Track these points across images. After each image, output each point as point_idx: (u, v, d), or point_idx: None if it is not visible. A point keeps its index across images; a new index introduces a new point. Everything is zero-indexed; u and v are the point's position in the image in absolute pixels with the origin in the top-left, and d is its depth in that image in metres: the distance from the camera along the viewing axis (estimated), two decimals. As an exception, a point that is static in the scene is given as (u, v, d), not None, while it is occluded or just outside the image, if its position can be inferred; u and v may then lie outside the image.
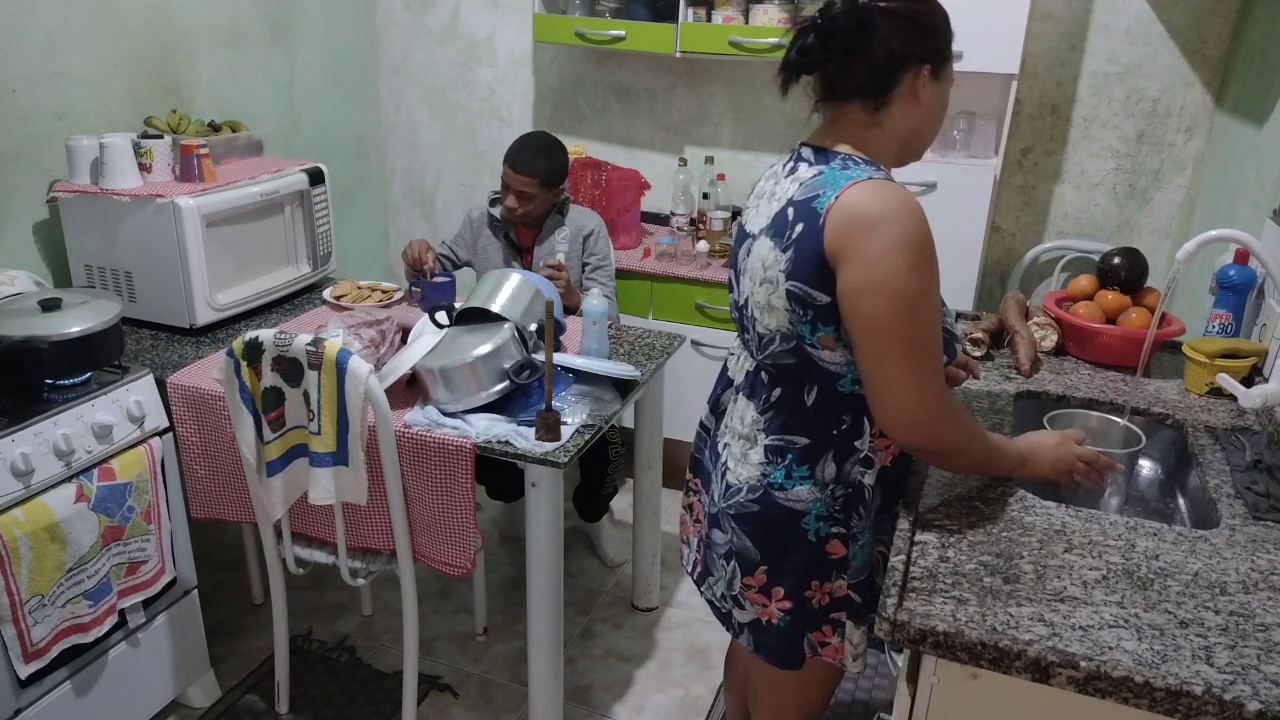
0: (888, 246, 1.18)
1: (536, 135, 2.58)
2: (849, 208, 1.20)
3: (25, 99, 2.32)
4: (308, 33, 3.23)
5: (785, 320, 1.29)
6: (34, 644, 1.75)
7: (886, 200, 1.19)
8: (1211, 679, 0.98)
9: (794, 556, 1.36)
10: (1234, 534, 1.28)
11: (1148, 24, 2.77)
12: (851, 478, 1.34)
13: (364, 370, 1.79)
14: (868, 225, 1.19)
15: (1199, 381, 1.75)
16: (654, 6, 3.06)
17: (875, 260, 1.18)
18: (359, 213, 3.67)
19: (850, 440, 1.33)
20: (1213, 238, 1.51)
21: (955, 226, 2.67)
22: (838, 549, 1.36)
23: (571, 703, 2.29)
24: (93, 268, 2.37)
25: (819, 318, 1.26)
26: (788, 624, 1.40)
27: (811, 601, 1.39)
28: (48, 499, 1.75)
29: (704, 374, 2.98)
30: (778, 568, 1.38)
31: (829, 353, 1.28)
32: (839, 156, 1.28)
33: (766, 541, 1.37)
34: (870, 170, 1.25)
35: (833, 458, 1.33)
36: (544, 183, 2.52)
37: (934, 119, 1.34)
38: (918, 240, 1.19)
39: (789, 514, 1.35)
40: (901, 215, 1.19)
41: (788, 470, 1.35)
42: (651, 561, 2.60)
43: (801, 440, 1.34)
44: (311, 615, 2.59)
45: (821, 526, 1.35)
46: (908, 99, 1.29)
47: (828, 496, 1.34)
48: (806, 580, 1.37)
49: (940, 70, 1.30)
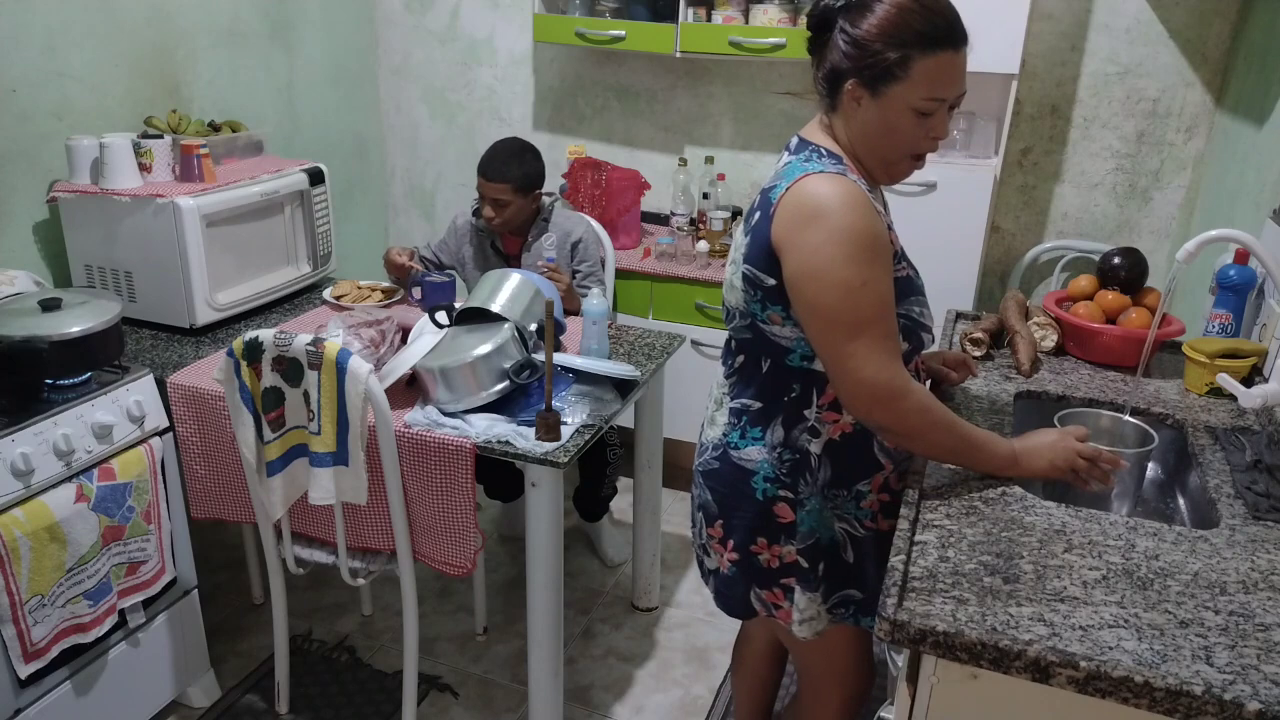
0: (825, 238, 1.25)
1: (508, 141, 2.55)
2: (794, 199, 1.27)
3: (25, 99, 2.32)
4: (308, 33, 3.23)
5: (741, 299, 1.38)
6: (34, 644, 1.75)
7: (828, 193, 1.25)
8: (1211, 679, 0.98)
9: (743, 512, 1.45)
10: (1234, 534, 1.28)
11: (1148, 24, 2.77)
12: (799, 444, 1.40)
13: (364, 370, 1.79)
14: (808, 217, 1.26)
15: (1199, 381, 1.75)
16: (654, 6, 3.06)
17: (813, 251, 1.26)
18: (359, 213, 3.67)
19: (800, 409, 1.40)
20: (1213, 238, 1.51)
21: (955, 226, 2.67)
22: (785, 512, 1.43)
23: (571, 703, 2.29)
24: (93, 268, 2.37)
25: (767, 298, 1.35)
26: (734, 574, 1.49)
27: (758, 558, 1.46)
28: (48, 499, 1.75)
29: (704, 374, 2.98)
30: (730, 521, 1.47)
31: (778, 328, 1.37)
32: (810, 148, 1.35)
33: (723, 496, 1.47)
34: (829, 164, 1.30)
35: (781, 423, 1.41)
36: (517, 188, 2.48)
37: (877, 136, 1.31)
38: (854, 230, 1.24)
39: (741, 471, 1.44)
40: (838, 207, 1.24)
41: (742, 430, 1.44)
42: (651, 561, 2.60)
43: (756, 404, 1.43)
44: (311, 615, 2.59)
45: (769, 487, 1.42)
46: (848, 109, 1.32)
47: (775, 459, 1.41)
48: (752, 536, 1.45)
49: (877, 88, 1.27)
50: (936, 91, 1.27)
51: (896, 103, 1.27)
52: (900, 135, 1.31)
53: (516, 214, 2.54)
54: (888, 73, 1.26)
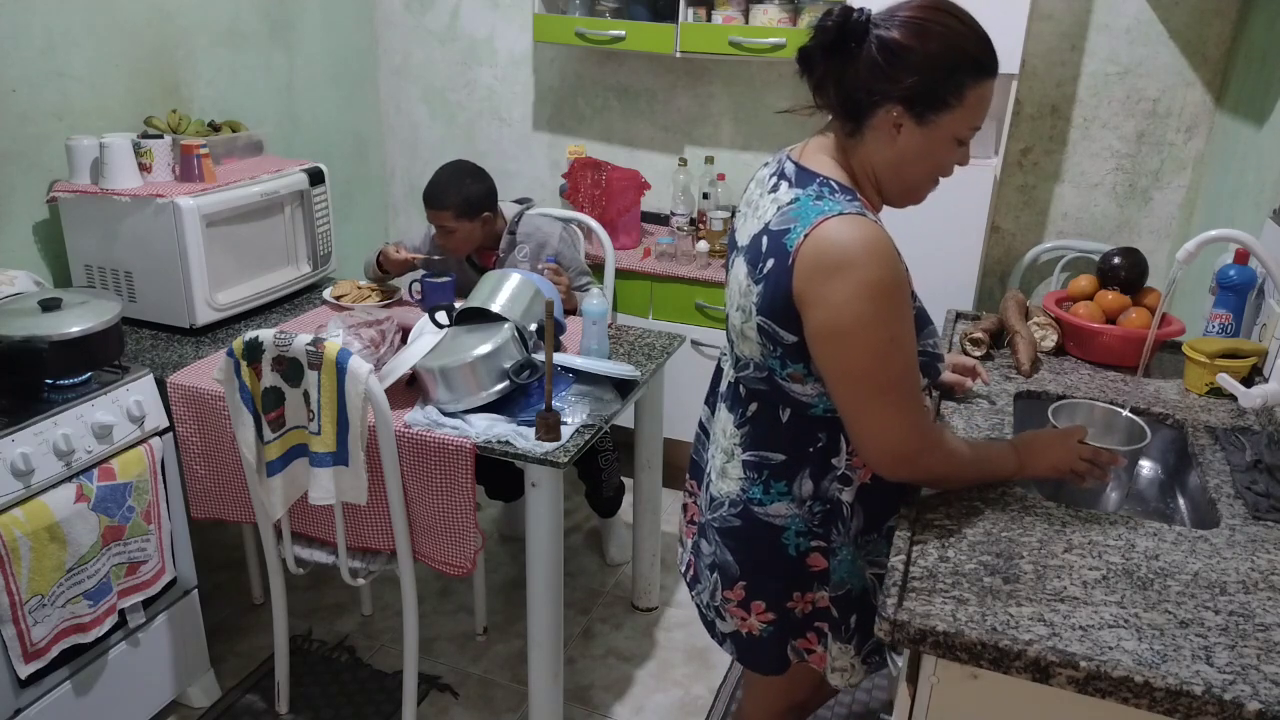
0: (852, 294, 1.14)
1: (446, 166, 2.50)
2: (816, 249, 1.15)
3: (25, 99, 2.32)
4: (308, 33, 3.23)
5: (758, 351, 1.28)
6: (34, 644, 1.75)
7: (852, 242, 1.14)
8: (1211, 679, 0.98)
9: (776, 570, 1.37)
10: (1234, 534, 1.28)
11: (1148, 24, 2.77)
12: (830, 494, 1.32)
13: (364, 370, 1.79)
14: (831, 268, 1.14)
15: (1199, 381, 1.75)
16: (654, 6, 3.06)
17: (839, 307, 1.15)
18: (359, 213, 3.67)
19: (827, 458, 1.31)
20: (1213, 238, 1.51)
21: (955, 226, 2.67)
22: (818, 561, 1.36)
23: (571, 703, 2.29)
24: (93, 268, 2.37)
25: (787, 355, 1.25)
26: (770, 634, 1.41)
27: (794, 611, 1.39)
28: (48, 499, 1.75)
29: (704, 374, 2.96)
30: (759, 582, 1.38)
31: (799, 385, 1.27)
32: (817, 180, 1.23)
33: (748, 555, 1.37)
34: (844, 202, 1.19)
35: (809, 475, 1.32)
36: (458, 214, 2.42)
37: (913, 165, 1.23)
38: (884, 284, 1.15)
39: (769, 529, 1.35)
40: (865, 259, 1.14)
41: (765, 486, 1.34)
42: (651, 561, 2.60)
43: (777, 457, 1.33)
44: (311, 615, 2.59)
45: (801, 541, 1.35)
46: (882, 135, 1.21)
47: (806, 512, 1.33)
48: (789, 592, 1.38)
49: (925, 116, 1.18)
50: (979, 119, 1.21)
51: (943, 131, 1.20)
52: (935, 163, 1.24)
53: (467, 238, 2.49)
54: (942, 100, 1.17)
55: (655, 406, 2.45)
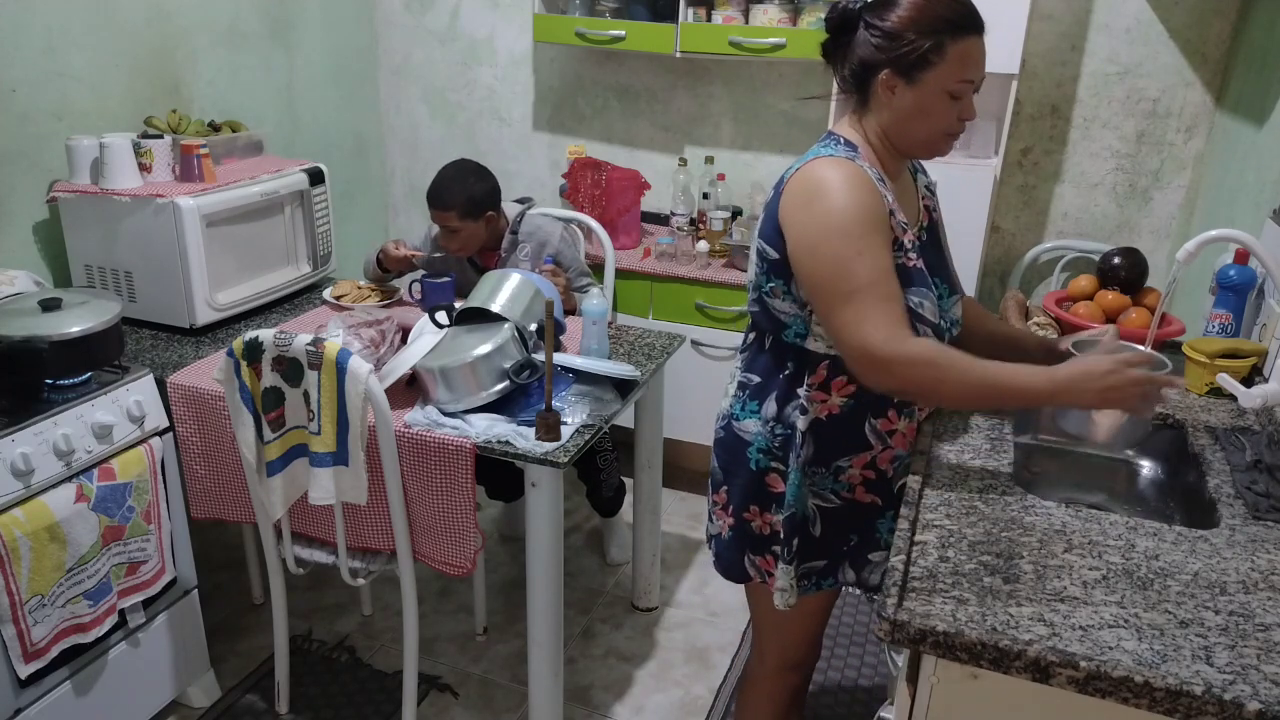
0: (822, 213, 1.32)
1: (450, 166, 2.49)
2: (800, 179, 1.36)
3: (25, 99, 2.32)
4: (308, 33, 3.23)
5: (753, 272, 1.46)
6: (34, 644, 1.75)
7: (829, 175, 1.33)
8: (1211, 679, 0.98)
9: (740, 480, 1.53)
10: (1234, 534, 1.28)
11: (1148, 24, 2.77)
12: (789, 419, 1.46)
13: (364, 370, 1.79)
14: (810, 195, 1.34)
15: (1199, 381, 1.75)
16: (654, 6, 3.06)
17: (809, 225, 1.34)
18: (359, 213, 3.67)
19: (792, 386, 1.46)
20: (1213, 238, 1.51)
21: (955, 226, 2.63)
22: (776, 483, 1.50)
23: (571, 703, 2.29)
24: (93, 268, 2.37)
25: (771, 270, 1.41)
26: (730, 539, 1.57)
27: (750, 524, 1.54)
28: (48, 499, 1.75)
29: (704, 374, 2.99)
30: (730, 488, 1.55)
31: (778, 301, 1.43)
32: (831, 137, 1.43)
33: (725, 463, 1.56)
34: (841, 150, 1.38)
35: (775, 398, 1.47)
36: (463, 214, 2.41)
37: (912, 120, 1.38)
38: (849, 209, 1.31)
39: (740, 441, 1.52)
40: (839, 186, 1.32)
41: (743, 403, 1.52)
42: (651, 561, 2.60)
43: (756, 379, 1.50)
44: (311, 615, 2.59)
45: (761, 459, 1.49)
46: (882, 99, 1.38)
47: (768, 432, 1.48)
48: (746, 503, 1.53)
49: (913, 75, 1.34)
50: (967, 73, 1.35)
51: (932, 86, 1.35)
52: (935, 118, 1.38)
53: (471, 238, 2.47)
54: (923, 59, 1.33)
55: (655, 406, 2.45)
